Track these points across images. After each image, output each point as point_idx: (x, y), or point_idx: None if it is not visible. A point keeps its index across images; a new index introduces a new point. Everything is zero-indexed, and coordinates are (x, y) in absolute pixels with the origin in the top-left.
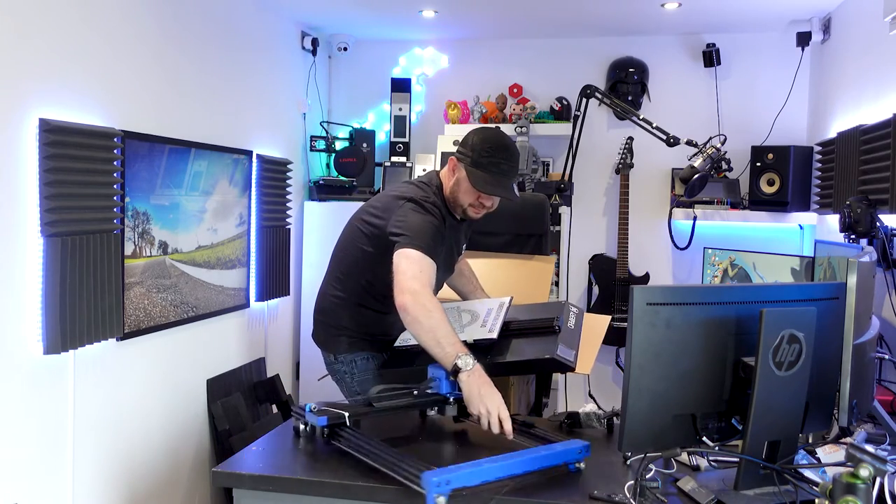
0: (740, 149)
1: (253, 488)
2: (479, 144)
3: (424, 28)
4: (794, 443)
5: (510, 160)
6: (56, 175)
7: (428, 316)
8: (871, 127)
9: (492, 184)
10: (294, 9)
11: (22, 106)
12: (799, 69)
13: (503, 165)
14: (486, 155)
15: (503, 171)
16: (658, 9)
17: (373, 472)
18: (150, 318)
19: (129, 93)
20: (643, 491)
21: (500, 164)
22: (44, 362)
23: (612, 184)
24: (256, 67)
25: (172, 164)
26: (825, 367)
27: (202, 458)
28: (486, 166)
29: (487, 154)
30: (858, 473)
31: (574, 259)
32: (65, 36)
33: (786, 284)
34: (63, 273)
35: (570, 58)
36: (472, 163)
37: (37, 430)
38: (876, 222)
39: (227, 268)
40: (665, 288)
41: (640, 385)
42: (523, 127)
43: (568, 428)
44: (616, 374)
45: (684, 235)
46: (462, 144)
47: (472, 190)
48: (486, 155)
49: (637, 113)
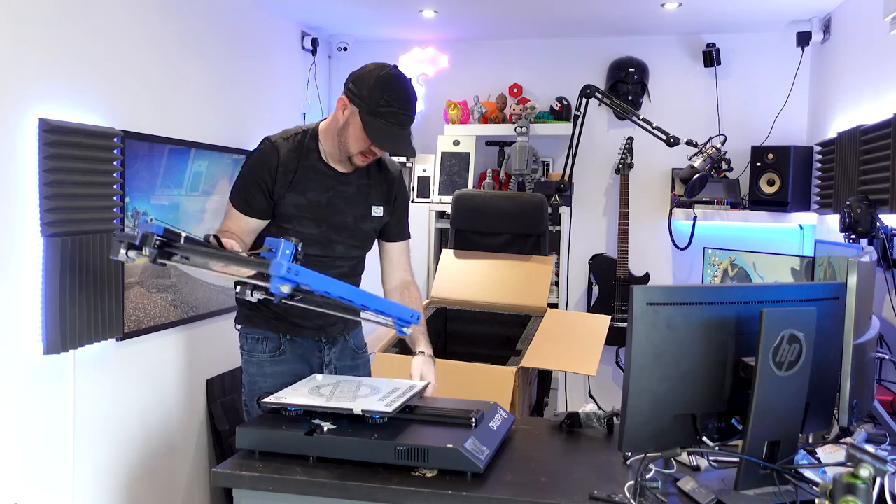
0: (740, 149)
1: (253, 488)
2: (378, 90)
3: (424, 28)
4: (794, 443)
5: (409, 109)
6: (56, 175)
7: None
8: (871, 127)
9: (390, 138)
10: (294, 9)
11: (22, 106)
12: (799, 69)
13: (402, 116)
14: (386, 104)
15: (401, 123)
16: (658, 9)
17: (373, 472)
18: (150, 318)
19: (129, 93)
20: (643, 491)
21: (398, 113)
22: (44, 362)
23: (612, 184)
24: (256, 67)
25: (172, 164)
26: (825, 367)
27: (202, 458)
28: (384, 115)
29: (387, 103)
30: (858, 473)
31: (574, 259)
32: (65, 36)
33: (786, 284)
34: (63, 273)
35: (570, 58)
36: (369, 110)
37: (37, 431)
38: (876, 222)
39: None
40: (665, 288)
41: (640, 385)
42: (523, 127)
43: (568, 428)
44: (616, 374)
45: (684, 235)
46: (356, 82)
47: (365, 139)
48: (385, 104)
49: (637, 113)
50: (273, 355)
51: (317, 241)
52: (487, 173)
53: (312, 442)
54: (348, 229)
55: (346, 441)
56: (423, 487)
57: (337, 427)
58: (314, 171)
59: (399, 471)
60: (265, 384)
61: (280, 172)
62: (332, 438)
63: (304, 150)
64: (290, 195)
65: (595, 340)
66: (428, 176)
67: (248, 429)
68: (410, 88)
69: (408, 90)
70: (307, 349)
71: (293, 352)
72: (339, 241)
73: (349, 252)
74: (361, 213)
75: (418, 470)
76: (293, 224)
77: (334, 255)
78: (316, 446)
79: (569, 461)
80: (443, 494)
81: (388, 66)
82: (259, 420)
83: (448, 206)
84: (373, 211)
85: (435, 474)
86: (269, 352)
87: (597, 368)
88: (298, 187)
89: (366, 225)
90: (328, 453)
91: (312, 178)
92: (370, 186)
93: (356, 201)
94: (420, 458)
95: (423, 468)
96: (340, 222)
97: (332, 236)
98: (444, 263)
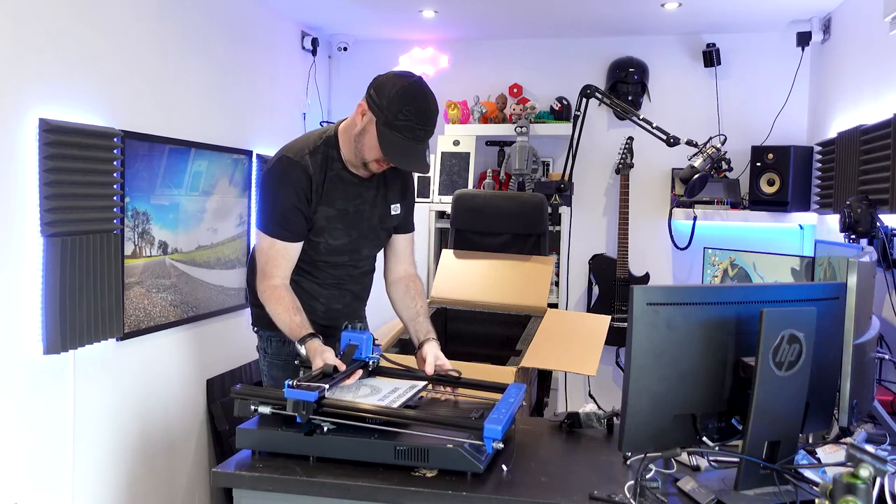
0: (740, 149)
1: (253, 488)
2: (398, 102)
3: (424, 28)
4: (794, 443)
5: (427, 125)
6: (56, 175)
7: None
8: (871, 127)
9: (404, 153)
10: (294, 9)
11: (22, 106)
12: (799, 69)
13: (419, 132)
14: (404, 118)
15: (418, 138)
16: (658, 9)
17: (373, 472)
18: (150, 318)
19: (129, 93)
20: (643, 491)
21: (415, 129)
22: (44, 362)
23: (612, 184)
24: (256, 67)
25: (172, 164)
26: (825, 367)
27: (202, 458)
28: (400, 129)
29: (405, 117)
30: (858, 473)
31: (574, 259)
32: (65, 36)
33: (786, 284)
34: (63, 273)
35: (570, 58)
36: (386, 122)
37: (37, 430)
38: (876, 222)
39: (226, 268)
40: (665, 288)
41: (640, 385)
42: (523, 127)
43: (568, 428)
44: (616, 374)
45: (684, 235)
46: (377, 89)
47: (379, 150)
48: (402, 118)
49: (637, 113)
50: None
51: (347, 247)
52: (487, 173)
53: (312, 442)
54: (374, 231)
55: (346, 441)
56: (423, 487)
57: (337, 427)
58: (340, 180)
59: (399, 471)
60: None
61: (313, 191)
62: (332, 438)
63: (328, 161)
64: (321, 209)
65: (595, 340)
66: (428, 176)
67: (248, 429)
68: (432, 103)
69: (429, 105)
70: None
71: None
72: (365, 244)
73: (371, 252)
74: (383, 214)
75: (418, 470)
76: (325, 237)
77: (360, 257)
78: (316, 446)
79: (569, 461)
80: (443, 494)
81: (411, 76)
82: (259, 420)
83: (448, 206)
84: (392, 210)
85: (435, 474)
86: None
87: (597, 368)
88: (328, 199)
89: (387, 224)
90: (328, 453)
91: (339, 188)
92: (388, 186)
93: (378, 203)
94: (420, 458)
95: (423, 468)
96: (367, 227)
97: (359, 241)
98: (444, 263)
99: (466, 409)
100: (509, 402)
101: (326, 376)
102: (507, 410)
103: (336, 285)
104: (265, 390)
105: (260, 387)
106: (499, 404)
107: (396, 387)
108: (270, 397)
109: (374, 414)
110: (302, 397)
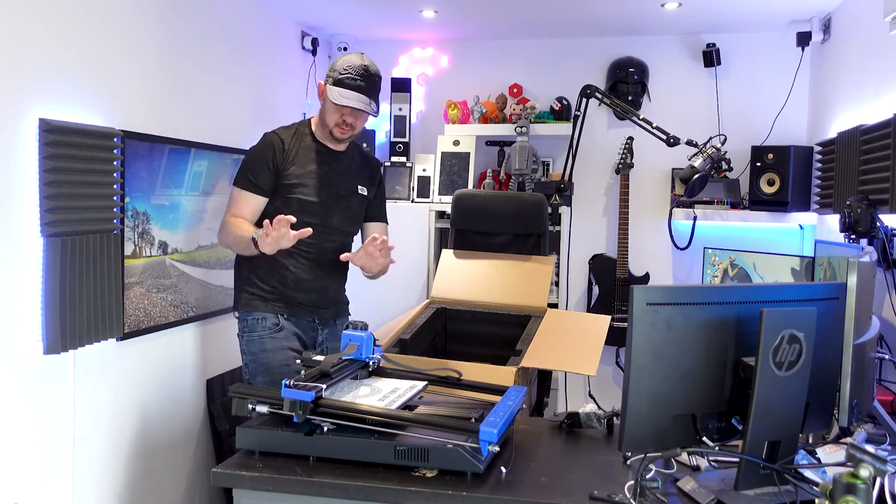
0: (740, 149)
1: (253, 488)
2: (341, 65)
3: (424, 28)
4: (794, 443)
5: (367, 78)
6: (56, 175)
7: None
8: (871, 127)
9: (347, 97)
10: (294, 9)
11: (22, 106)
12: (799, 69)
13: (360, 82)
14: (344, 73)
15: (360, 87)
16: (658, 9)
17: (373, 473)
18: (150, 318)
19: (129, 93)
20: (643, 491)
21: (356, 80)
22: (44, 362)
23: (612, 184)
24: (256, 67)
25: (172, 164)
26: (825, 367)
27: (202, 458)
28: (344, 82)
29: (345, 72)
30: (859, 473)
31: (574, 259)
32: (65, 36)
33: (786, 284)
34: (63, 273)
35: (570, 58)
36: (333, 81)
37: (37, 430)
38: (876, 222)
39: (227, 268)
40: (665, 288)
41: (640, 385)
42: (523, 127)
43: (568, 428)
44: (616, 374)
45: (684, 235)
46: (329, 68)
47: (335, 107)
48: (343, 73)
49: (637, 113)
50: (272, 331)
51: (318, 208)
52: (487, 173)
53: (312, 442)
54: (343, 199)
55: (346, 441)
56: (423, 487)
57: (337, 427)
58: (311, 149)
59: (399, 471)
60: (265, 359)
61: (282, 150)
62: (332, 438)
63: (299, 134)
64: (292, 167)
65: (595, 340)
66: (428, 176)
67: (248, 429)
68: (371, 65)
69: (365, 64)
70: (302, 328)
71: (289, 328)
72: (336, 210)
73: (343, 226)
74: (351, 189)
75: (418, 470)
76: (297, 192)
77: (331, 225)
78: (316, 446)
79: (569, 461)
80: (443, 494)
81: (355, 52)
82: (259, 420)
83: (448, 206)
84: (359, 189)
85: (435, 474)
86: (268, 328)
87: (597, 368)
88: (300, 161)
89: (355, 199)
90: (328, 453)
91: (310, 154)
92: (357, 168)
93: (347, 176)
94: (420, 458)
95: (423, 468)
96: (336, 193)
97: (329, 205)
98: (444, 263)
99: (466, 410)
100: (508, 405)
101: (325, 376)
102: (504, 413)
103: (305, 254)
104: (263, 389)
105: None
106: (497, 407)
107: (396, 387)
108: (268, 396)
109: (373, 415)
110: (298, 397)
